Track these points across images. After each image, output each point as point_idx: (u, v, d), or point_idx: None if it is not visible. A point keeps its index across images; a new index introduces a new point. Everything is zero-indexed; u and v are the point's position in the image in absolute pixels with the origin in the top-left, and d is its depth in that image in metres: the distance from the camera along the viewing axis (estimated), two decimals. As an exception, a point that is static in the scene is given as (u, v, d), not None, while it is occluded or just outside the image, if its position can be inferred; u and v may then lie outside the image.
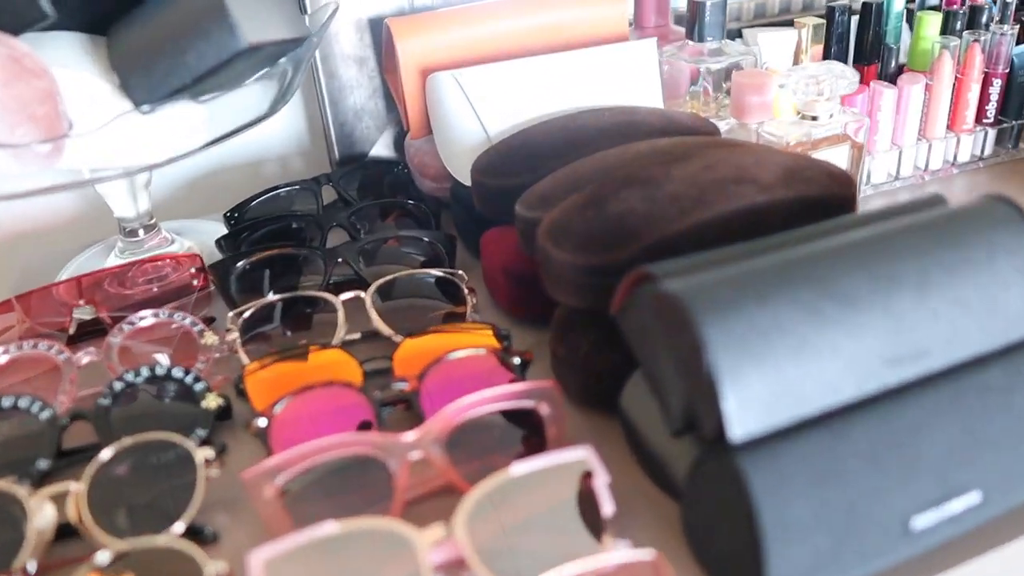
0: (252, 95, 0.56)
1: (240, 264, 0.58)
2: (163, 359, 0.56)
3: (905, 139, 0.71)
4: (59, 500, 0.43)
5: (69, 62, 0.49)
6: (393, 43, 0.65)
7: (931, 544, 0.38)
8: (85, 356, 0.53)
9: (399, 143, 0.76)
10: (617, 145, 0.58)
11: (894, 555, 0.37)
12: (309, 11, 0.68)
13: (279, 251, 0.59)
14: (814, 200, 0.47)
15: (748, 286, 0.37)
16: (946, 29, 0.73)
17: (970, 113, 0.73)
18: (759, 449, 0.36)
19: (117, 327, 0.55)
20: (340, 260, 0.59)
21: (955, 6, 0.74)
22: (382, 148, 0.75)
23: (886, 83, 0.70)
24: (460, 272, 0.58)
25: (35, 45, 0.50)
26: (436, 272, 0.58)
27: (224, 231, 0.68)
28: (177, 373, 0.50)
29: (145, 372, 0.50)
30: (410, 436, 0.43)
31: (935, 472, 0.37)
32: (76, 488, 0.43)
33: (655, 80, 0.67)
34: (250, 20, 0.49)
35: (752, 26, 0.79)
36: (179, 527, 0.42)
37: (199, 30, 0.46)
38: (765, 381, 0.35)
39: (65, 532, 0.43)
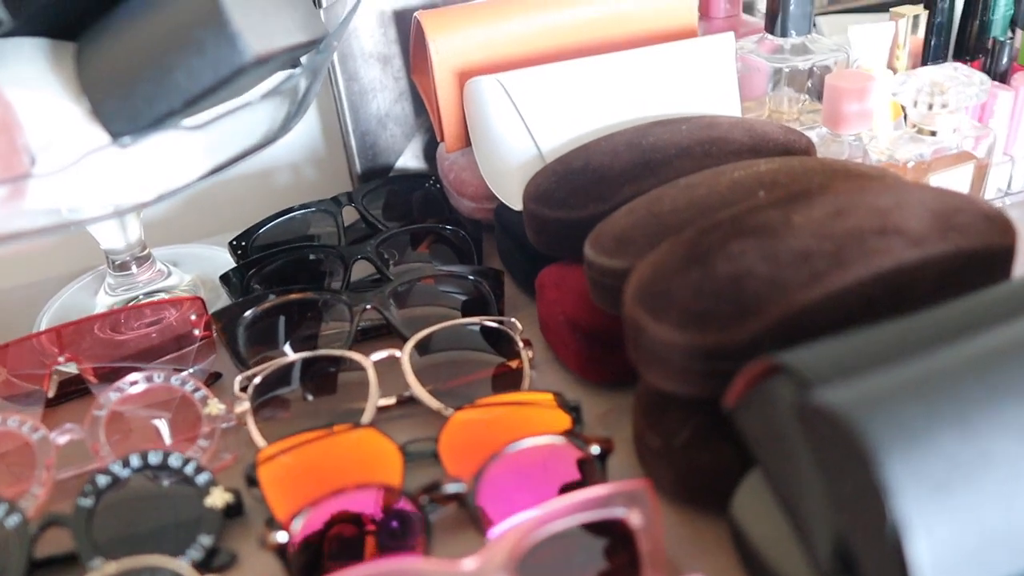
0: (260, 108, 0.46)
1: (248, 313, 0.49)
2: (161, 427, 0.47)
3: (1018, 148, 0.61)
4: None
5: (28, 80, 0.40)
6: (424, 40, 0.55)
7: None
8: (64, 435, 0.44)
9: (430, 152, 0.66)
10: (701, 167, 0.48)
11: None
12: (324, 4, 0.58)
13: (296, 296, 0.49)
14: (973, 254, 0.37)
15: (942, 401, 0.27)
16: (1063, 17, 0.63)
17: (1091, 115, 0.62)
18: (964, 631, 0.26)
19: (104, 395, 0.45)
20: (369, 306, 0.49)
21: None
22: (410, 158, 0.65)
23: (1000, 84, 0.60)
24: (513, 320, 0.49)
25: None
26: (485, 321, 0.49)
27: (228, 258, 0.58)
28: (175, 462, 0.41)
29: (136, 461, 0.41)
30: (470, 564, 0.34)
31: None
32: (48, 635, 0.34)
33: (731, 83, 0.57)
34: (254, 24, 0.39)
35: (828, 13, 0.69)
36: None
37: (190, 41, 0.36)
38: (967, 534, 0.26)
39: None
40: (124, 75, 0.37)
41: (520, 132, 0.53)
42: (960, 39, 0.65)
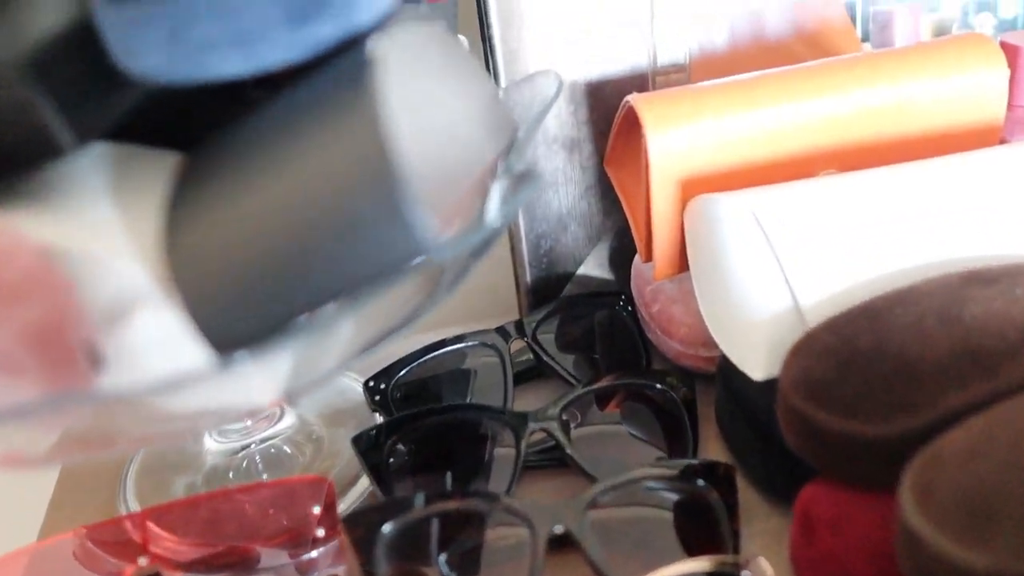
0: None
1: (389, 527, 0.35)
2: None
3: None
4: None
5: (98, 232, 0.27)
6: (639, 133, 0.41)
7: None
8: None
9: (618, 260, 0.51)
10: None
11: None
12: (503, 81, 0.44)
13: (455, 505, 0.36)
14: None
15: None
16: None
17: None
18: None
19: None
20: (558, 529, 0.35)
21: None
22: (593, 267, 0.51)
23: None
24: (760, 562, 0.34)
25: (41, 192, 0.28)
26: (719, 566, 0.34)
27: (356, 388, 0.46)
28: None
29: None
30: None
31: None
32: None
33: (1061, 204, 0.41)
34: (436, 173, 0.25)
35: None
36: None
37: (343, 220, 0.22)
38: None
39: None
40: (232, 265, 0.24)
41: (771, 274, 0.38)
42: None
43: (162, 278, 0.26)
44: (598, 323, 0.48)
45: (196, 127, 0.30)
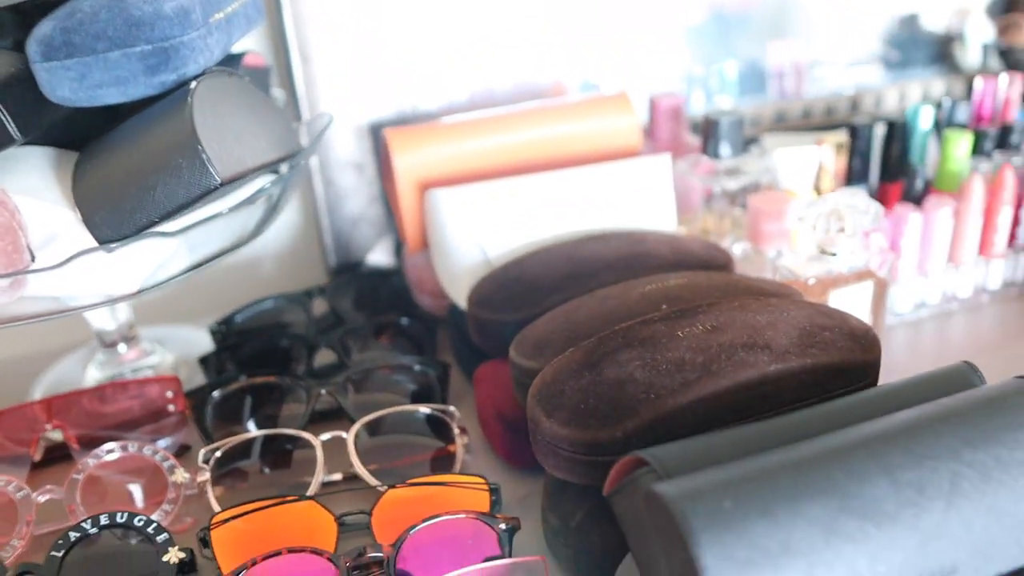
0: (236, 214, 0.53)
1: (217, 394, 0.55)
2: (132, 491, 0.53)
3: (932, 266, 0.67)
4: None
5: (34, 187, 0.47)
6: (390, 155, 0.63)
7: None
8: (44, 494, 0.50)
9: (399, 250, 0.73)
10: (623, 280, 0.54)
11: None
12: (306, 118, 0.65)
13: (260, 380, 0.56)
14: (832, 368, 0.43)
15: (755, 495, 0.33)
16: (976, 149, 0.69)
17: (1001, 238, 0.69)
18: None
19: (82, 461, 0.51)
20: (325, 392, 0.55)
21: (985, 125, 0.70)
22: (381, 255, 0.72)
23: (912, 206, 0.66)
24: (451, 409, 0.55)
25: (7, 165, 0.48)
26: (425, 409, 0.55)
27: (209, 340, 0.65)
28: (138, 522, 0.47)
29: (104, 520, 0.46)
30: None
31: None
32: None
33: (668, 199, 0.64)
34: (227, 150, 0.46)
35: (774, 131, 0.76)
36: None
37: (169, 166, 0.43)
38: (771, 610, 0.31)
39: None
40: (111, 191, 0.45)
41: (471, 241, 0.60)
42: (883, 163, 0.72)
43: (74, 206, 0.46)
44: (380, 289, 0.69)
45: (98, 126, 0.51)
